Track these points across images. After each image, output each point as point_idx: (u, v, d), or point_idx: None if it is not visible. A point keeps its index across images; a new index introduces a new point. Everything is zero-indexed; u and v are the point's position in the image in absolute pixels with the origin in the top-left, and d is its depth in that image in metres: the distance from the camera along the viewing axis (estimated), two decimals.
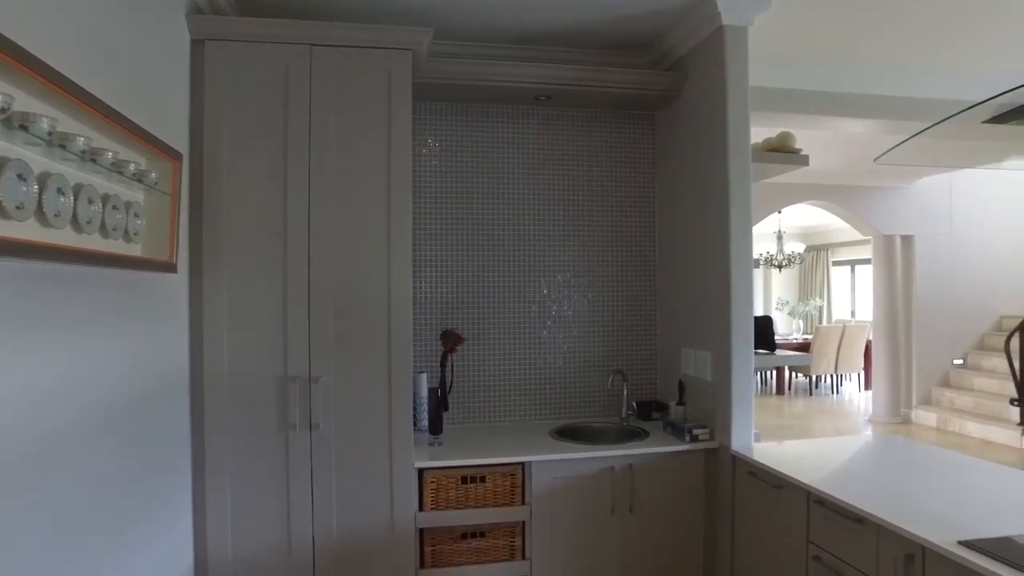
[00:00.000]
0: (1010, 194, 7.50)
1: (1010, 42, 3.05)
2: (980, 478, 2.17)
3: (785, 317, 12.22)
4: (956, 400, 7.16)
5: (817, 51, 3.28)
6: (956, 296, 7.39)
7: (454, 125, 3.05)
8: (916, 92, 3.49)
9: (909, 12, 2.81)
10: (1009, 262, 7.49)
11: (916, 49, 3.22)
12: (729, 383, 2.57)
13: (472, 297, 3.05)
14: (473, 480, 2.49)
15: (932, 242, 7.35)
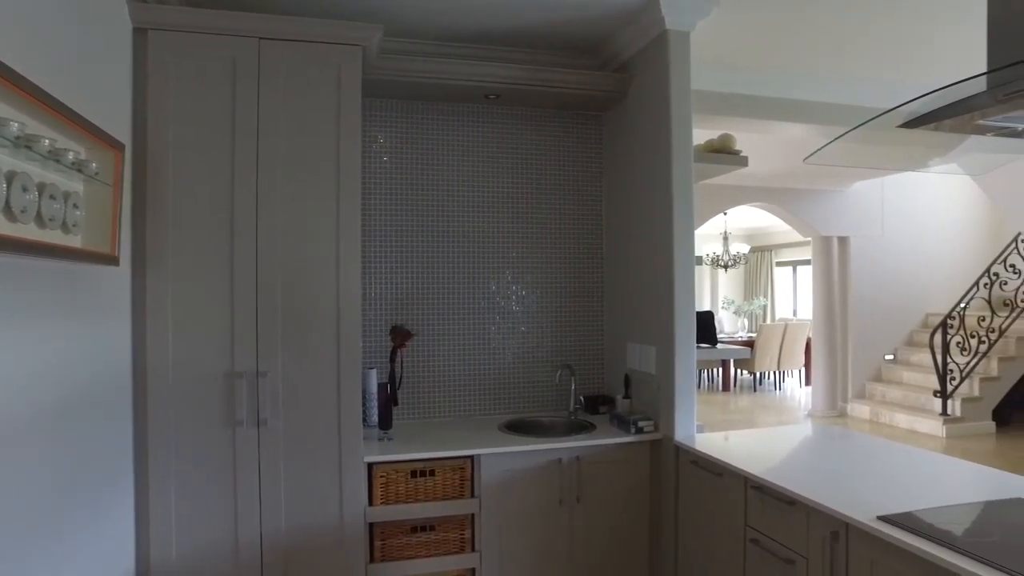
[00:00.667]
0: (934, 198, 7.93)
1: (930, 54, 3.24)
2: (903, 461, 2.29)
3: (731, 316, 12.58)
4: (887, 393, 7.51)
5: (757, 57, 3.42)
6: (887, 295, 7.77)
7: (404, 122, 3.06)
8: (850, 99, 3.67)
9: (840, 25, 2.96)
10: (934, 263, 7.92)
11: (849, 59, 3.40)
12: (673, 376, 2.66)
13: (422, 293, 3.07)
14: (423, 474, 2.50)
15: (866, 243, 7.71)
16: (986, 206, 7.82)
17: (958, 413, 6.69)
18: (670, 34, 2.66)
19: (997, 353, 6.82)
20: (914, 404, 7.14)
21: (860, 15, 2.89)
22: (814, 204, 7.61)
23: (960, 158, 2.46)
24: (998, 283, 6.92)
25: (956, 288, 7.65)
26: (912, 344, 7.79)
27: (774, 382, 10.07)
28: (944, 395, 6.70)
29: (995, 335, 6.81)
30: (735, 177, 6.79)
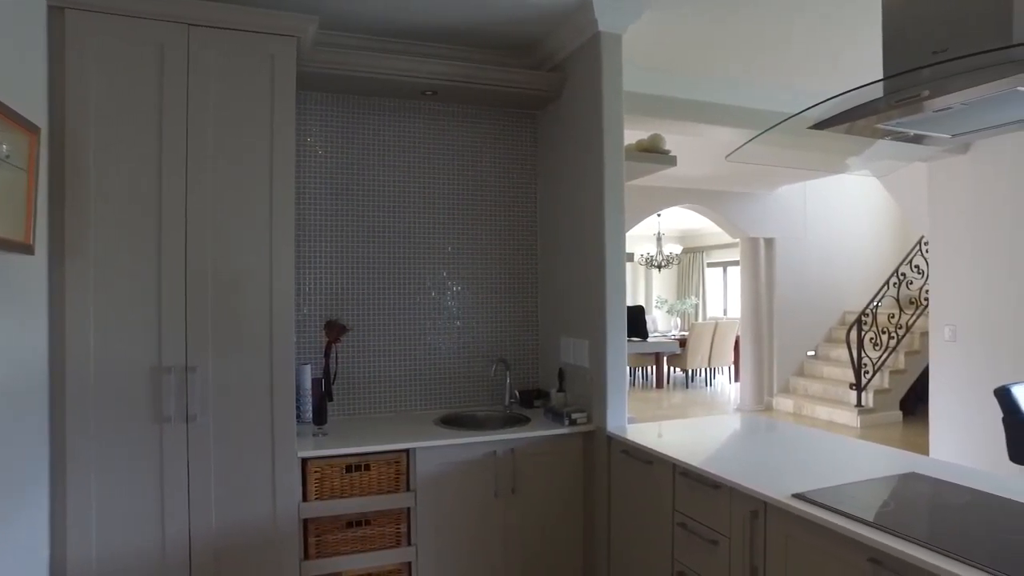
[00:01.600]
0: (851, 203, 8.39)
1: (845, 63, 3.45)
2: (818, 446, 2.43)
3: (664, 315, 12.93)
4: (809, 387, 7.90)
5: (687, 62, 3.55)
6: (809, 294, 8.17)
7: (341, 116, 3.04)
8: (775, 105, 3.85)
9: (762, 34, 3.12)
10: (851, 263, 8.39)
11: (773, 67, 3.58)
12: (604, 369, 2.74)
13: (358, 288, 3.05)
14: (358, 468, 2.50)
15: (790, 245, 8.09)
16: (895, 211, 8.33)
17: (871, 404, 7.10)
18: (603, 36, 2.74)
19: (904, 348, 7.28)
20: (833, 397, 7.53)
21: (781, 26, 3.05)
22: (742, 206, 7.93)
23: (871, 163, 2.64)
24: (905, 283, 7.39)
25: (870, 287, 8.13)
26: (831, 341, 8.22)
27: (705, 379, 10.41)
28: (859, 388, 7.10)
29: (903, 331, 7.27)
30: (668, 179, 7.02)
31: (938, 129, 1.65)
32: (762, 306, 8.16)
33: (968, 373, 4.97)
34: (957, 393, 5.08)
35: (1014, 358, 4.67)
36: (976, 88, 1.29)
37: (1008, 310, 4.73)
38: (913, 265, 7.32)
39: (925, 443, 5.40)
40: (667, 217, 10.17)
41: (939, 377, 5.27)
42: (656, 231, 11.39)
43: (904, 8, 1.49)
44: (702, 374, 10.41)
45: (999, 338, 4.79)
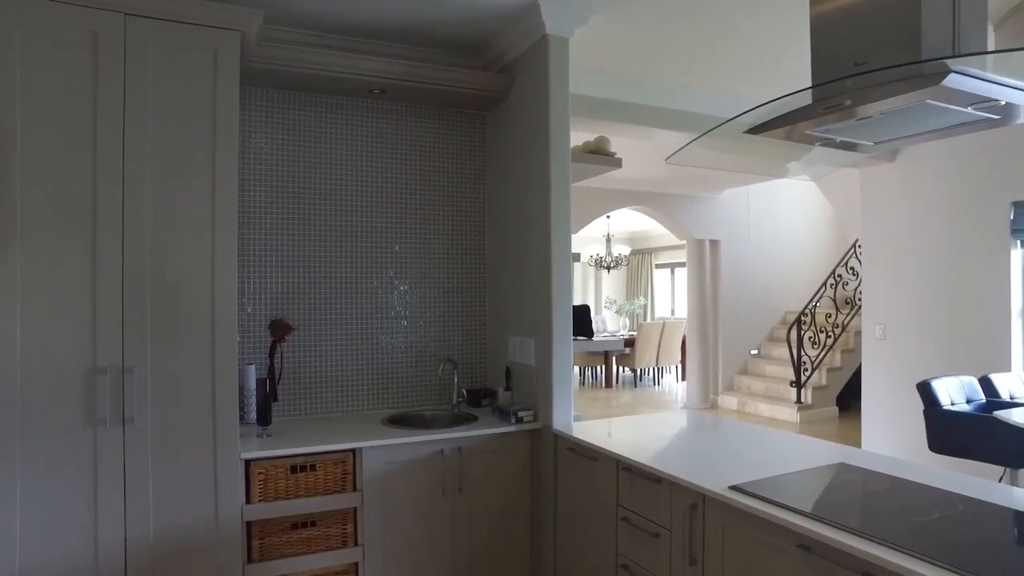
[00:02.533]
0: (791, 207, 8.70)
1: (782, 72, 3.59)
2: (758, 441, 2.51)
3: (613, 315, 13.13)
4: (752, 385, 8.15)
5: (633, 67, 3.63)
6: (752, 294, 8.43)
7: (287, 113, 3.00)
8: (717, 111, 3.96)
9: (702, 42, 3.22)
10: (791, 265, 8.70)
11: (715, 74, 3.70)
12: (550, 367, 2.78)
13: (304, 287, 3.02)
14: (303, 469, 2.47)
15: (734, 247, 8.33)
16: (832, 215, 8.68)
17: (809, 401, 7.38)
18: (550, 39, 2.78)
19: (840, 346, 7.59)
20: (774, 394, 7.79)
21: (721, 35, 3.16)
22: (688, 209, 8.13)
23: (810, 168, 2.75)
24: (841, 284, 7.72)
25: (809, 288, 8.45)
26: (773, 340, 8.50)
27: (653, 378, 10.62)
28: (798, 385, 7.37)
29: (839, 330, 7.58)
30: (616, 181, 7.14)
31: (862, 136, 1.74)
32: (708, 306, 8.38)
33: (896, 369, 5.23)
34: (886, 388, 5.33)
35: (938, 354, 4.93)
36: (891, 99, 1.38)
37: (933, 309, 5.00)
38: (848, 267, 7.64)
39: (858, 436, 5.65)
40: (616, 219, 10.34)
41: (870, 373, 5.52)
42: (605, 233, 11.56)
43: (829, 22, 1.57)
44: (650, 373, 10.61)
45: (925, 336, 5.05)
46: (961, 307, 4.80)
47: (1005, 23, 2.98)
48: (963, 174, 4.81)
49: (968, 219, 4.77)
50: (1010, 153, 4.52)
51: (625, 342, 9.78)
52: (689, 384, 8.55)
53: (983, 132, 4.75)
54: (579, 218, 7.62)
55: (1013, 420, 2.99)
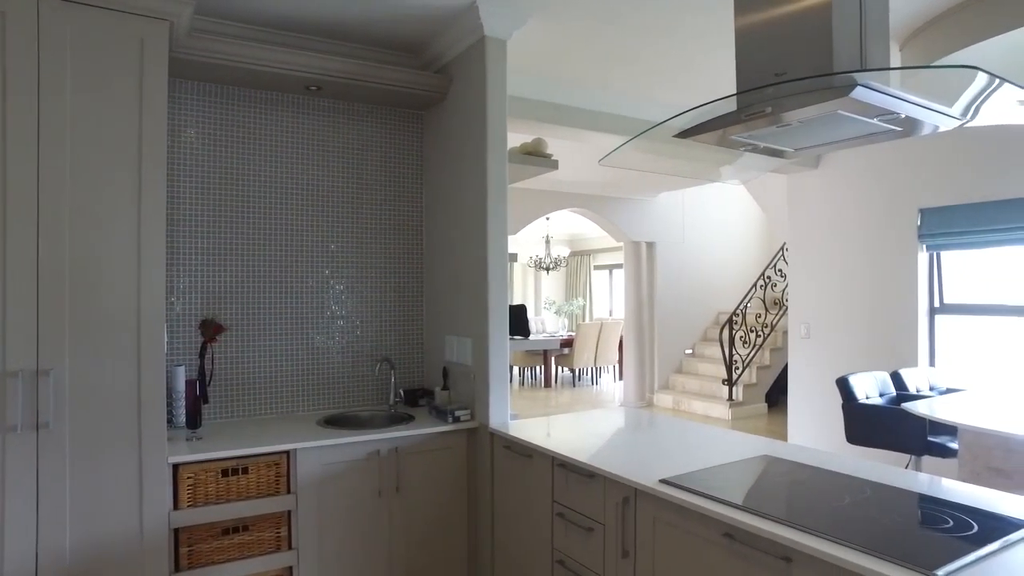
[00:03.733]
0: (724, 210, 9.01)
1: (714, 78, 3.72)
2: (689, 436, 2.59)
3: (552, 316, 13.27)
4: (686, 384, 8.38)
5: (572, 71, 3.70)
6: (687, 295, 8.69)
7: (220, 108, 2.91)
8: (654, 116, 4.09)
9: (639, 48, 3.31)
10: (724, 267, 9.00)
11: (651, 80, 3.80)
12: (487, 366, 2.80)
13: (237, 286, 2.94)
14: (235, 472, 2.41)
15: (669, 249, 8.56)
16: (763, 219, 9.03)
17: (740, 398, 7.65)
18: (488, 40, 2.80)
19: (769, 345, 7.91)
20: (707, 392, 8.04)
21: (653, 43, 3.25)
22: (626, 211, 8.31)
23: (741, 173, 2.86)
24: (770, 285, 8.04)
25: (740, 289, 8.77)
26: (706, 339, 8.77)
27: (591, 377, 10.79)
28: (730, 383, 7.64)
29: (768, 330, 7.89)
30: (555, 183, 7.24)
31: (783, 143, 1.84)
32: (644, 307, 8.58)
33: (819, 366, 5.49)
34: (810, 384, 5.59)
35: (855, 351, 5.21)
36: (807, 108, 1.46)
37: (851, 309, 5.27)
38: (777, 269, 7.96)
39: (785, 430, 5.90)
40: (556, 221, 10.46)
41: (796, 370, 5.78)
42: (545, 234, 11.68)
43: (752, 34, 1.65)
44: (588, 373, 10.77)
45: (844, 334, 5.33)
46: (876, 307, 5.09)
47: (909, 44, 3.19)
48: (877, 182, 5.10)
49: (881, 224, 5.06)
50: (918, 164, 4.82)
51: (563, 342, 9.91)
52: (626, 383, 8.72)
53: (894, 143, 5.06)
54: (518, 219, 7.68)
55: (918, 412, 3.19)
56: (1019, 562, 1.35)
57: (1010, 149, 4.33)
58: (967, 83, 1.36)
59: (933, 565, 1.29)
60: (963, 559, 1.33)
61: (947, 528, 1.52)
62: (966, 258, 4.78)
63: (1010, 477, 2.81)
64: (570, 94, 3.95)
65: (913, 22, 3.07)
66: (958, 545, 1.40)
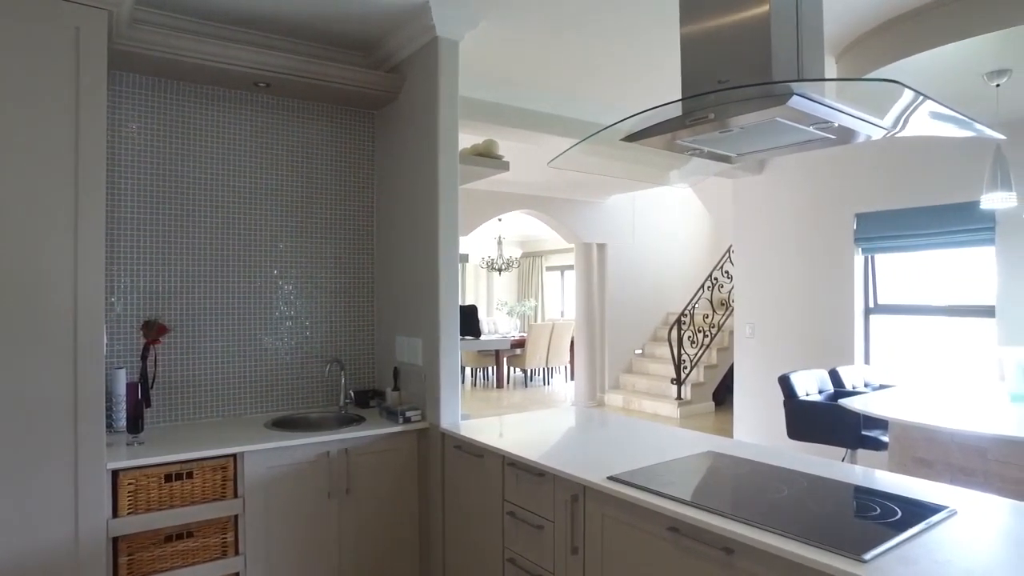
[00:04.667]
0: (673, 213, 9.21)
1: (663, 83, 3.81)
2: (637, 434, 2.64)
3: (505, 316, 13.31)
4: (636, 383, 8.53)
5: (524, 73, 3.73)
6: (637, 296, 8.84)
7: (165, 102, 2.83)
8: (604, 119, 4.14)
9: (588, 52, 3.36)
10: (673, 268, 9.20)
11: (603, 83, 3.86)
12: (438, 367, 2.80)
13: (181, 286, 2.86)
14: (179, 477, 2.35)
15: (620, 250, 8.70)
16: (710, 221, 9.27)
17: (688, 397, 7.83)
18: (440, 41, 2.81)
19: (716, 345, 8.12)
20: (657, 391, 8.20)
21: (603, 48, 3.31)
22: (577, 213, 8.40)
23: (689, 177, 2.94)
24: (717, 286, 8.26)
25: (688, 290, 8.97)
26: (656, 339, 8.94)
27: (543, 378, 10.87)
28: (679, 382, 7.81)
29: (715, 330, 8.10)
30: (508, 184, 7.27)
31: (726, 148, 1.90)
32: (595, 308, 8.70)
33: (764, 364, 5.67)
34: (754, 382, 5.77)
35: (797, 350, 5.40)
36: (747, 115, 1.52)
37: (793, 309, 5.47)
38: (723, 270, 8.18)
39: (731, 427, 6.07)
40: (508, 222, 10.51)
41: (741, 369, 5.95)
42: (497, 235, 11.71)
43: (696, 42, 1.71)
44: (540, 374, 10.85)
45: (786, 333, 5.52)
46: (815, 307, 5.29)
47: (844, 56, 3.34)
48: (817, 188, 5.30)
49: (821, 228, 5.26)
50: (854, 171, 5.04)
51: (515, 343, 9.95)
52: (577, 383, 8.82)
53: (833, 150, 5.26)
54: (470, 220, 7.69)
55: (853, 407, 3.34)
56: (936, 542, 1.44)
57: (937, 159, 4.56)
58: (896, 96, 1.44)
59: (861, 550, 1.36)
60: (888, 543, 1.41)
61: (875, 515, 1.60)
62: (897, 261, 5.01)
63: (932, 466, 2.98)
64: (523, 96, 3.98)
65: (848, 35, 3.21)
66: (884, 531, 1.49)
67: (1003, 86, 3.26)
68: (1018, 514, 1.65)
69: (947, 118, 1.52)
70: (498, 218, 8.75)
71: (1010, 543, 1.48)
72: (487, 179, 3.56)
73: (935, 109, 1.42)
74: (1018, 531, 1.55)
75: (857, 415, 3.59)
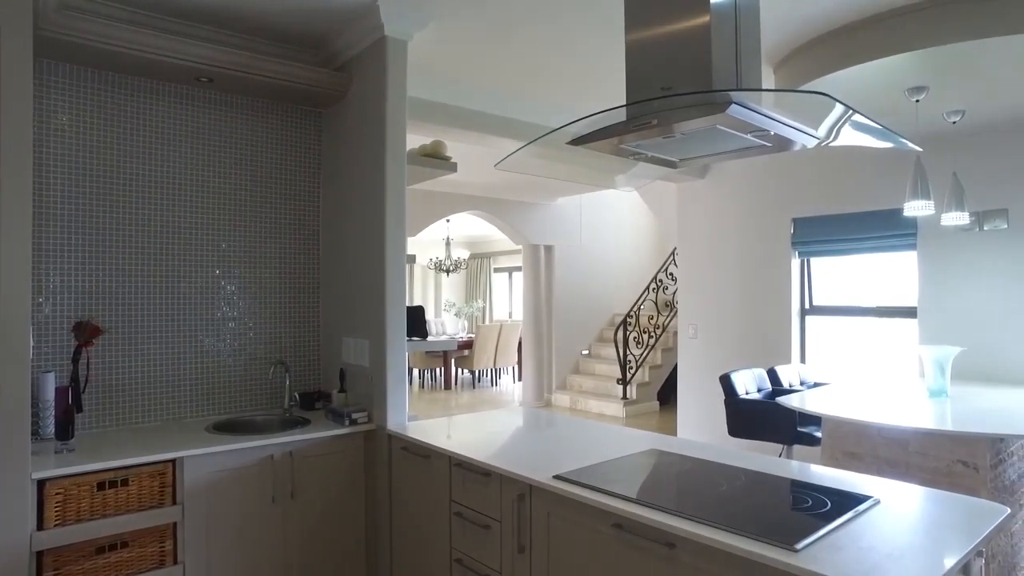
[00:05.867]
0: (620, 215, 9.37)
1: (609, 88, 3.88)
2: (583, 433, 2.68)
3: (452, 318, 13.28)
4: (583, 383, 8.64)
5: (473, 75, 3.74)
6: (583, 297, 8.96)
7: (99, 94, 2.72)
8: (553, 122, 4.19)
9: (536, 55, 3.40)
10: (619, 270, 9.36)
11: (551, 86, 3.90)
12: (384, 368, 2.78)
13: (117, 286, 2.76)
14: (113, 485, 2.26)
15: (567, 252, 8.80)
16: (655, 224, 9.47)
17: (634, 396, 7.98)
18: (389, 40, 2.79)
19: (661, 345, 8.30)
20: (603, 391, 8.33)
21: (550, 53, 3.35)
22: (525, 215, 8.46)
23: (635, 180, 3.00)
24: (662, 288, 8.44)
25: (634, 292, 9.14)
26: (602, 340, 9.07)
27: (491, 379, 10.88)
28: (624, 382, 7.95)
29: (660, 331, 8.28)
30: (456, 186, 7.26)
31: (669, 153, 1.95)
32: (542, 309, 8.77)
33: (705, 364, 5.83)
34: (697, 382, 5.93)
35: (739, 350, 5.58)
36: (689, 122, 1.57)
37: (733, 310, 5.64)
38: (668, 273, 8.37)
39: (675, 426, 6.21)
40: (456, 223, 10.49)
41: (684, 369, 6.10)
42: (445, 236, 11.68)
43: (641, 49, 1.75)
44: (488, 375, 10.86)
45: (728, 334, 5.69)
46: (755, 308, 5.47)
47: (781, 68, 3.47)
48: (757, 193, 5.49)
49: (760, 232, 5.45)
50: (792, 177, 5.24)
51: (463, 344, 9.94)
52: (525, 384, 8.87)
53: (772, 157, 5.47)
54: (418, 221, 7.65)
55: (789, 405, 3.47)
56: (862, 530, 1.53)
57: (867, 168, 4.79)
58: (828, 108, 1.51)
59: (793, 540, 1.43)
60: (818, 533, 1.48)
61: (807, 507, 1.68)
62: (831, 264, 5.24)
63: (861, 459, 3.12)
64: (472, 98, 3.99)
65: (785, 48, 3.34)
66: (814, 521, 1.56)
67: (922, 102, 3.45)
68: (934, 501, 1.76)
69: (872, 130, 1.60)
70: (446, 219, 8.73)
71: (926, 528, 1.58)
72: (435, 180, 3.55)
73: (861, 121, 1.50)
74: (934, 516, 1.65)
75: (793, 412, 3.73)
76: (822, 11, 2.95)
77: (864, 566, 1.33)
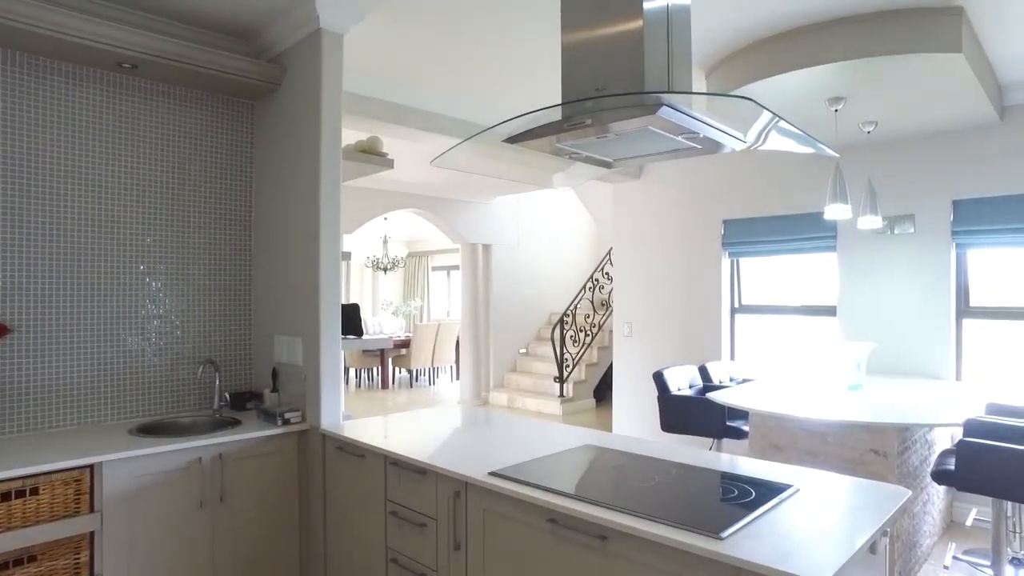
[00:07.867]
0: (557, 215, 9.48)
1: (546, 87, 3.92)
2: (519, 431, 2.70)
3: (390, 316, 13.13)
4: (520, 382, 8.69)
5: (412, 72, 3.71)
6: (521, 296, 9.02)
7: (12, 78, 2.55)
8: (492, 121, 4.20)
9: (474, 54, 3.40)
10: (556, 269, 9.47)
11: (490, 84, 3.91)
12: (319, 366, 2.73)
13: (27, 283, 2.60)
14: (20, 494, 2.12)
15: (504, 251, 8.83)
16: (592, 225, 9.62)
17: (571, 394, 8.08)
18: (324, 33, 2.74)
19: (597, 344, 8.44)
20: (540, 389, 8.40)
21: (489, 52, 3.36)
22: (462, 214, 8.45)
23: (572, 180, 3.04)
24: (598, 287, 8.59)
25: (571, 291, 9.27)
26: (540, 339, 9.15)
27: (429, 378, 10.82)
28: (561, 380, 8.04)
29: (596, 329, 8.42)
30: (394, 183, 7.18)
31: (603, 153, 1.99)
32: (480, 308, 8.77)
33: (640, 362, 5.96)
34: (632, 379, 6.06)
35: (672, 348, 5.73)
36: (622, 122, 1.61)
37: (667, 309, 5.79)
38: (604, 272, 8.52)
39: (610, 422, 6.33)
40: (395, 221, 10.37)
41: (620, 366, 6.23)
42: (383, 234, 11.53)
43: (576, 50, 1.78)
44: (426, 374, 10.79)
45: (661, 332, 5.84)
46: (688, 307, 5.64)
47: (713, 74, 3.59)
48: (689, 194, 5.65)
49: (692, 232, 5.62)
50: (723, 179, 5.42)
51: (401, 343, 9.84)
52: (463, 383, 8.86)
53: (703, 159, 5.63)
54: (354, 218, 7.52)
55: (719, 400, 3.60)
56: (783, 517, 1.61)
57: (792, 172, 5.01)
58: (754, 113, 1.58)
59: (718, 529, 1.49)
60: (741, 521, 1.55)
61: (733, 497, 1.75)
62: (758, 264, 5.45)
63: (784, 451, 3.27)
64: (409, 94, 3.96)
65: (718, 54, 3.46)
66: (739, 510, 1.63)
67: (840, 111, 3.65)
68: (847, 487, 1.86)
69: (794, 135, 1.68)
70: (384, 216, 8.61)
71: (839, 512, 1.67)
72: (372, 177, 3.50)
73: (784, 127, 1.57)
74: (849, 503, 1.74)
75: (722, 407, 3.86)
76: (751, 22, 3.08)
77: (779, 552, 1.40)
